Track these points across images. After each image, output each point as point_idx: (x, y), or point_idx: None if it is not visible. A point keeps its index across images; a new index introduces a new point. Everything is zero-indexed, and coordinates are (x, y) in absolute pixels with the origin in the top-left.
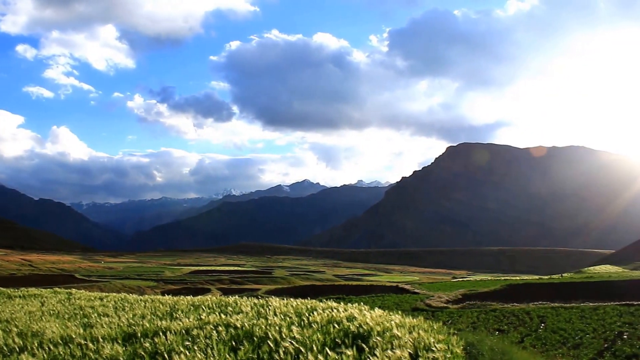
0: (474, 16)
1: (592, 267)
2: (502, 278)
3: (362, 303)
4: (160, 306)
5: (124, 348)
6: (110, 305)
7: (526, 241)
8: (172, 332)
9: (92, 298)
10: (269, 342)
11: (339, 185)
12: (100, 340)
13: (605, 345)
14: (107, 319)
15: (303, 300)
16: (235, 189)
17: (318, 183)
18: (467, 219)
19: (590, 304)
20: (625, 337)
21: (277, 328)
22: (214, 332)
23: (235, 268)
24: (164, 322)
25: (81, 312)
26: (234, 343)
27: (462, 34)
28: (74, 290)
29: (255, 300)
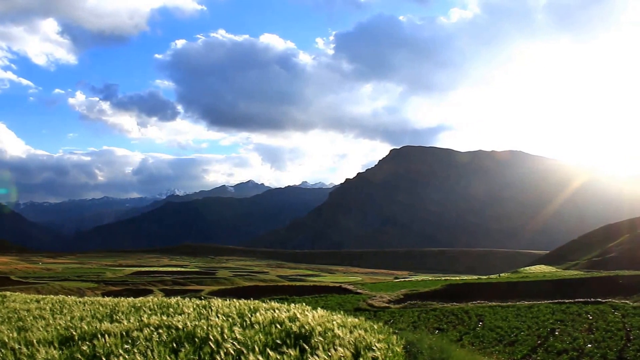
0: (419, 22)
1: (527, 267)
2: (443, 278)
3: (305, 304)
4: (100, 308)
5: (60, 352)
6: (47, 307)
7: (466, 242)
8: (112, 334)
9: (28, 300)
10: (210, 343)
11: (283, 186)
12: (35, 344)
13: (539, 341)
14: (43, 321)
15: (246, 301)
16: (179, 189)
17: (263, 184)
18: (409, 220)
19: (526, 302)
20: (557, 333)
21: (218, 329)
22: (155, 334)
23: (179, 269)
24: (103, 324)
25: (16, 316)
26: (174, 345)
27: (407, 39)
28: (8, 293)
29: (198, 301)
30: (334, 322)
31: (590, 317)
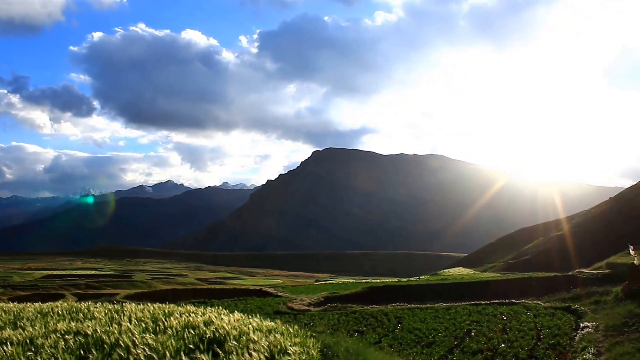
0: (344, 24)
1: (447, 270)
2: (364, 281)
3: (223, 307)
4: (3, 314)
5: None
6: None
7: (387, 245)
8: (14, 342)
9: None
10: (119, 349)
11: (203, 187)
12: None
13: (455, 342)
14: None
15: (160, 305)
16: (95, 189)
17: (182, 184)
18: (331, 222)
19: (444, 304)
20: (473, 334)
21: (130, 334)
22: (62, 340)
23: (93, 272)
24: (5, 331)
25: None
26: (82, 352)
27: (332, 40)
28: None
29: (110, 306)
30: (250, 326)
31: (505, 318)
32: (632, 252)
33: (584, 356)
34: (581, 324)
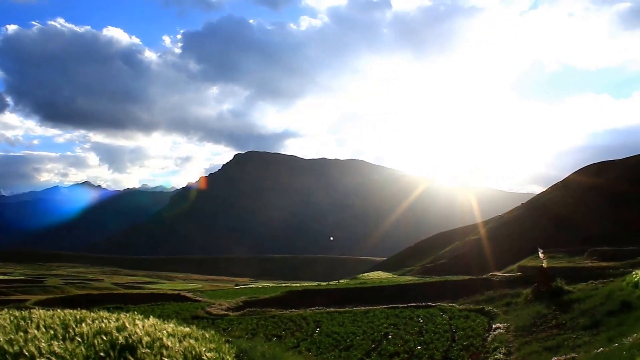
0: (269, 27)
1: (366, 274)
2: (283, 285)
3: (139, 312)
4: None
5: None
6: None
7: (308, 249)
8: None
9: None
10: (23, 359)
11: (122, 189)
12: None
13: (373, 345)
14: None
15: (72, 311)
16: (5, 189)
17: (100, 185)
18: (252, 226)
19: (362, 308)
20: (390, 337)
21: (36, 343)
22: None
23: (1, 277)
24: None
25: None
26: None
27: (256, 43)
28: None
29: (17, 313)
30: (165, 332)
31: (421, 320)
32: (541, 256)
33: (496, 356)
34: (493, 325)
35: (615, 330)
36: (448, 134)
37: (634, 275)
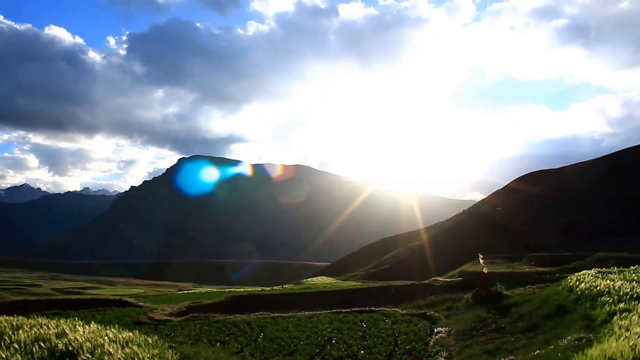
0: (216, 31)
1: (310, 279)
2: (227, 290)
3: (79, 318)
4: None
5: None
6: None
7: (252, 254)
8: None
9: None
10: None
11: (62, 192)
12: None
13: (317, 350)
14: None
15: (8, 318)
16: None
17: (39, 188)
18: (195, 231)
19: (306, 313)
20: (334, 342)
21: None
22: None
23: None
24: None
25: None
26: None
27: (203, 47)
28: None
29: None
30: (106, 338)
31: (365, 325)
32: (481, 261)
33: None
34: (435, 330)
35: (552, 333)
36: (392, 141)
37: (569, 280)
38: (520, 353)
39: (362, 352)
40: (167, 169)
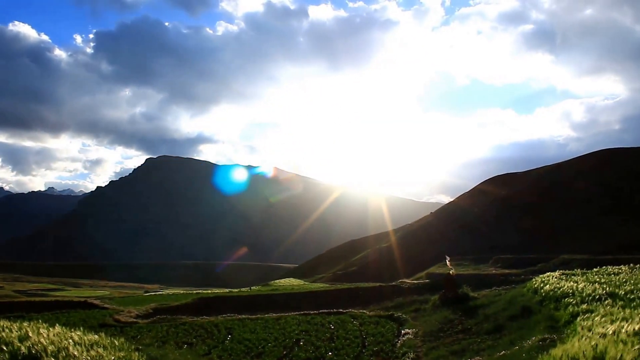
0: (185, 31)
1: (278, 280)
2: (194, 292)
3: (43, 321)
4: None
5: None
6: None
7: (220, 255)
8: None
9: None
10: None
11: (26, 192)
12: None
13: (285, 352)
14: None
15: None
16: None
17: (2, 188)
18: (162, 232)
19: (274, 314)
20: (301, 343)
21: None
22: None
23: None
24: None
25: None
26: None
27: (172, 46)
28: None
29: None
30: (71, 340)
31: (332, 327)
32: (448, 264)
33: None
34: (403, 331)
35: (517, 334)
36: (361, 143)
37: (534, 282)
38: (486, 354)
39: (329, 353)
40: (134, 169)
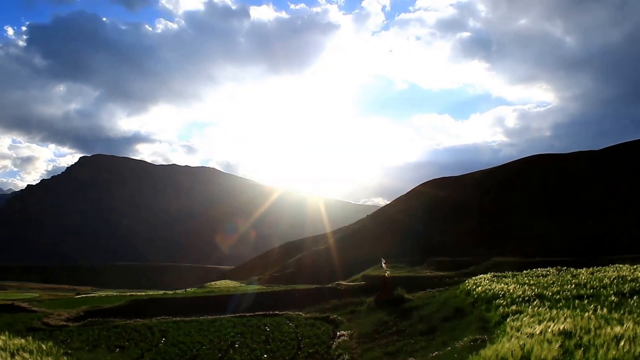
0: (123, 27)
1: (214, 282)
2: (128, 294)
3: None
4: None
5: None
6: None
7: (156, 257)
8: None
9: None
10: None
11: None
12: None
13: (220, 354)
14: None
15: None
16: None
17: None
18: (97, 232)
19: (209, 317)
20: (237, 346)
21: None
22: None
23: None
24: None
25: None
26: None
27: (109, 42)
28: None
29: None
30: None
31: (268, 329)
32: (384, 265)
33: None
34: (338, 333)
35: (449, 335)
36: (300, 146)
37: (467, 284)
38: (419, 355)
39: (265, 356)
40: (68, 167)
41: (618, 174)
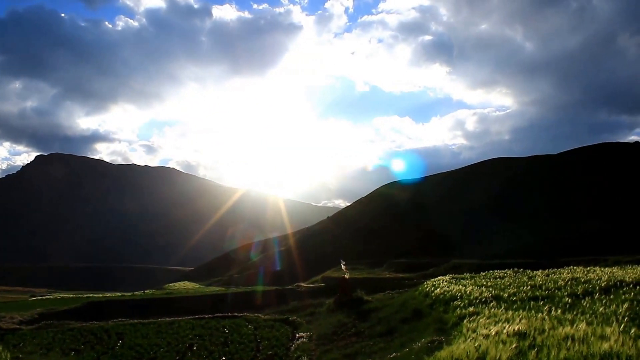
0: (83, 24)
1: (172, 284)
2: (85, 296)
3: None
4: None
5: None
6: None
7: (114, 257)
8: None
9: None
10: None
11: None
12: None
13: (177, 357)
14: None
15: None
16: None
17: None
18: (52, 233)
19: (168, 319)
20: (195, 348)
21: None
22: None
23: None
24: None
25: None
26: None
27: (67, 38)
28: None
29: None
30: None
31: (227, 331)
32: (343, 267)
33: None
34: (297, 335)
35: (407, 336)
36: (260, 146)
37: (425, 286)
38: (378, 356)
39: (223, 358)
40: (23, 166)
41: (573, 177)
